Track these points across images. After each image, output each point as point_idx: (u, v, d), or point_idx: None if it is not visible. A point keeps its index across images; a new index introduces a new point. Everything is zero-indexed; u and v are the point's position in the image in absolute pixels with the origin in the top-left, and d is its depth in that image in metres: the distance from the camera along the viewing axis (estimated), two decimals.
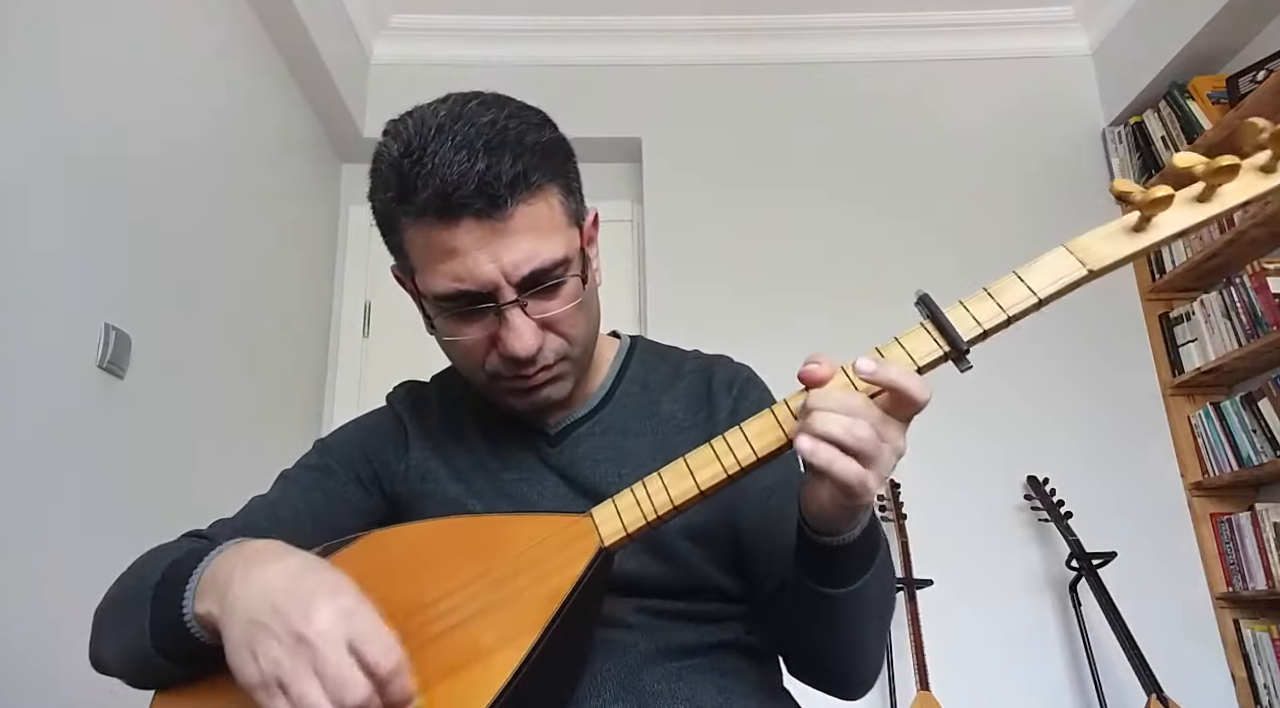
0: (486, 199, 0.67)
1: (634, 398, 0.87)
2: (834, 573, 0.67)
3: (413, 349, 1.72)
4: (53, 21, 1.48)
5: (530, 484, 0.82)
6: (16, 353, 1.36)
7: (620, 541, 0.63)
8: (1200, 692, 2.23)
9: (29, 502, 1.38)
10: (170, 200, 1.84)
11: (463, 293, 0.70)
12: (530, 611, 0.61)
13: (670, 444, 0.82)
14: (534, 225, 0.70)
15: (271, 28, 2.34)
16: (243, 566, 0.60)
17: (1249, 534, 2.32)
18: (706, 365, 0.90)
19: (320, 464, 0.86)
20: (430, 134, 0.68)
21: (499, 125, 0.69)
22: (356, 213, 2.91)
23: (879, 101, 2.91)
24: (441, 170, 0.67)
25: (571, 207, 0.75)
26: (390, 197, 0.71)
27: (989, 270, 2.72)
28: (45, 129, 1.45)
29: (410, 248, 0.73)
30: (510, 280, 0.70)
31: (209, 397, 1.98)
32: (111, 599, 0.74)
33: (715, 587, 0.79)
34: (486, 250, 0.68)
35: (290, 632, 0.54)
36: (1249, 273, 2.32)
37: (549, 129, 0.75)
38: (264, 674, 0.53)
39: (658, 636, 0.75)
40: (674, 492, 0.63)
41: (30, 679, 1.34)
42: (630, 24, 2.88)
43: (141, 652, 0.64)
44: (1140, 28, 2.72)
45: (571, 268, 0.74)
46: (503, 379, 0.76)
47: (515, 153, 0.69)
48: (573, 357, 0.78)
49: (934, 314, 0.64)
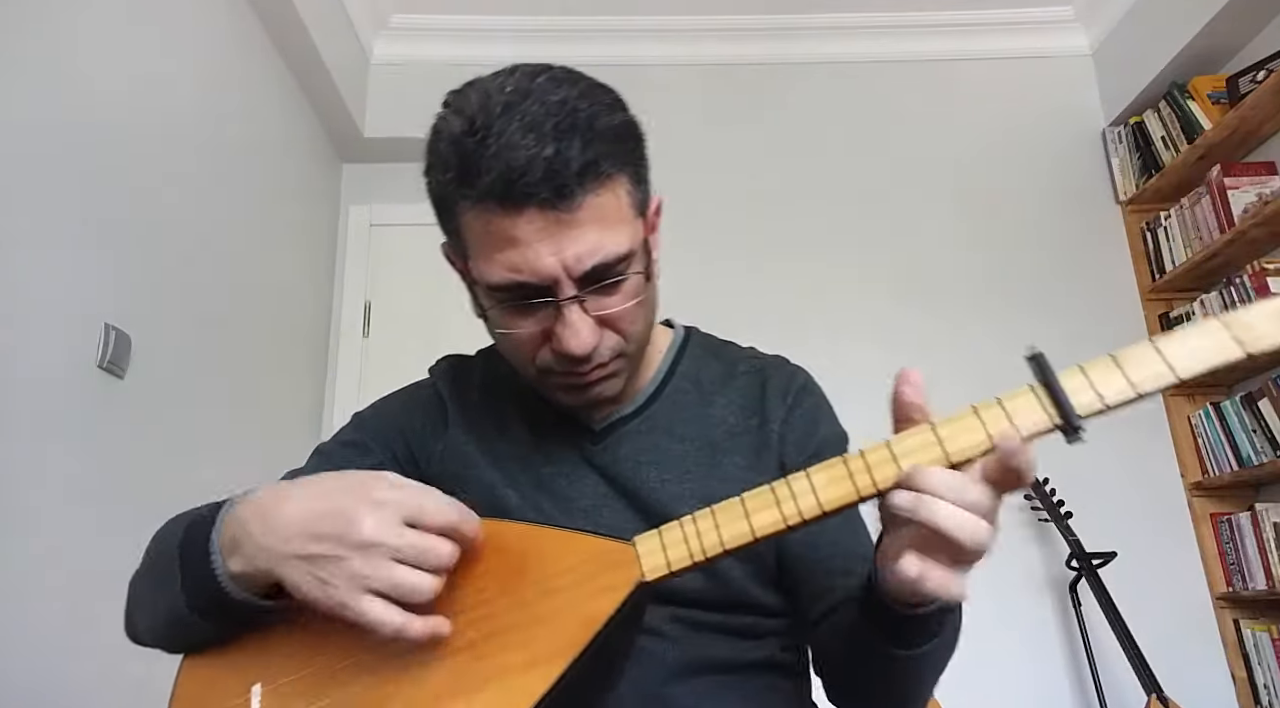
0: (553, 188, 0.62)
1: (684, 397, 0.83)
2: (903, 637, 0.62)
3: (413, 349, 1.72)
4: (52, 21, 1.48)
5: (570, 481, 0.79)
6: (16, 353, 1.36)
7: (662, 577, 0.60)
8: (1200, 692, 2.22)
9: (29, 502, 1.38)
10: (170, 200, 1.84)
11: (520, 285, 0.66)
12: (561, 636, 0.58)
13: (718, 450, 0.79)
14: (600, 217, 0.66)
15: (271, 28, 2.34)
16: (259, 516, 0.60)
17: (1249, 534, 2.32)
18: (762, 367, 0.86)
19: (356, 441, 0.83)
20: (496, 111, 0.63)
21: (569, 106, 0.64)
22: (356, 213, 2.91)
23: (879, 101, 2.91)
24: (507, 154, 0.62)
25: (639, 196, 0.71)
26: (449, 177, 0.66)
27: (988, 270, 2.73)
28: (45, 129, 1.45)
29: (467, 232, 0.68)
30: (571, 275, 0.66)
31: (209, 397, 1.98)
32: (140, 574, 0.73)
33: (755, 603, 0.76)
34: (549, 242, 0.64)
35: (350, 544, 0.55)
36: (1249, 273, 2.32)
37: (620, 111, 0.69)
38: (348, 589, 0.55)
39: (690, 647, 0.73)
40: (726, 534, 0.58)
41: (31, 679, 1.34)
42: (630, 24, 2.87)
43: (177, 616, 0.64)
44: (1140, 28, 2.72)
45: (635, 263, 0.70)
46: (554, 375, 0.73)
47: (586, 138, 0.64)
48: (628, 354, 0.74)
49: (1049, 381, 0.56)
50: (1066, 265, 2.72)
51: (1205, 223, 2.48)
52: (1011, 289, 2.69)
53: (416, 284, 2.81)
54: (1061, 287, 2.69)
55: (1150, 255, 2.72)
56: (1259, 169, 2.42)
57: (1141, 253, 2.73)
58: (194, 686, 0.65)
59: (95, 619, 1.49)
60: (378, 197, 2.91)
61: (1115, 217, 2.80)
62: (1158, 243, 2.68)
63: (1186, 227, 2.57)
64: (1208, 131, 2.44)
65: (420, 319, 2.75)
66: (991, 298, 2.67)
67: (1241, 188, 2.39)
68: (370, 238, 2.88)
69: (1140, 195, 2.72)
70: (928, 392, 0.58)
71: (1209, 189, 2.46)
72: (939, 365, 2.61)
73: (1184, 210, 2.59)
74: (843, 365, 1.67)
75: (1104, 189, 2.83)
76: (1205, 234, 2.48)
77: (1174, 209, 2.63)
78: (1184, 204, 2.59)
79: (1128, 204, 2.77)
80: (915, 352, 2.57)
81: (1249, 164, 2.46)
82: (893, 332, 2.62)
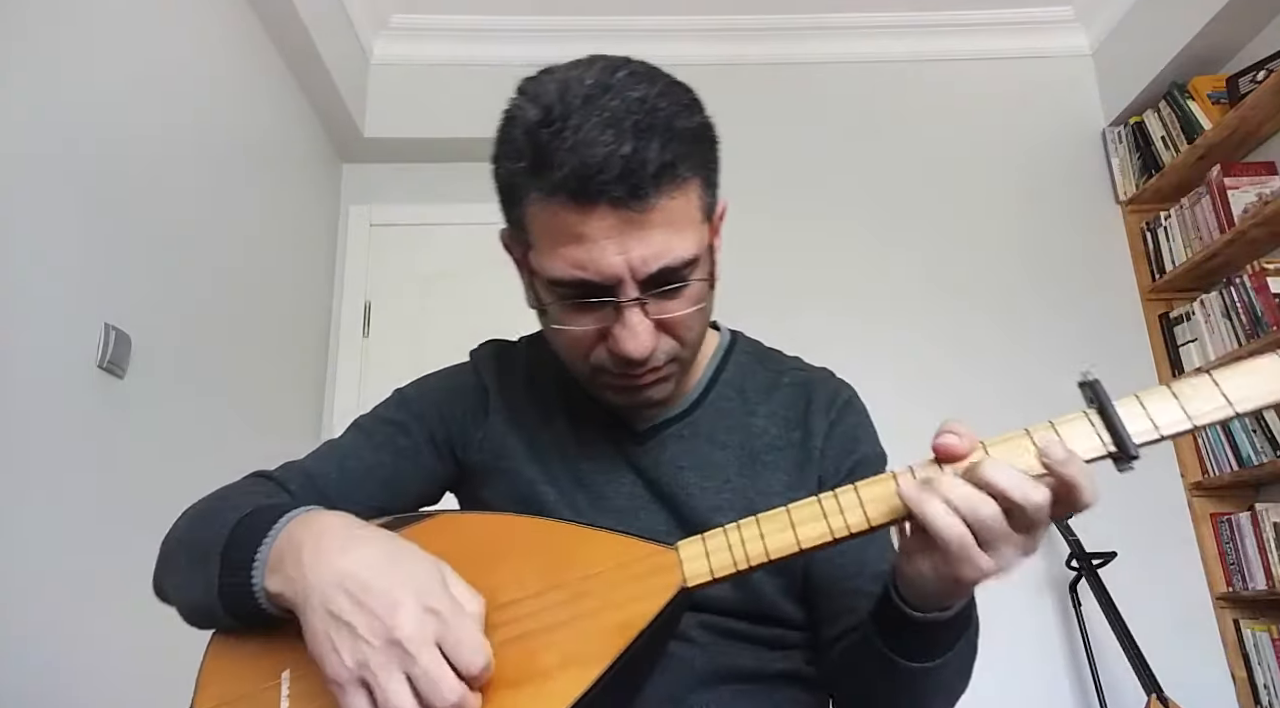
0: (628, 187, 0.61)
1: (727, 404, 0.82)
2: (914, 647, 0.62)
3: (413, 349, 1.72)
4: (52, 22, 1.48)
5: (608, 478, 0.79)
6: (16, 353, 1.36)
7: (704, 583, 0.59)
8: (1200, 692, 2.22)
9: (29, 502, 1.38)
10: (170, 200, 1.84)
11: (582, 282, 0.65)
12: (599, 639, 0.58)
13: (758, 462, 0.79)
14: (670, 220, 0.64)
15: (271, 28, 2.34)
16: (313, 544, 0.58)
17: (1249, 534, 2.32)
18: (806, 380, 0.85)
19: (397, 419, 0.82)
20: (575, 103, 0.62)
21: (649, 104, 0.63)
22: (356, 213, 2.91)
23: (879, 101, 2.91)
24: (584, 149, 0.60)
25: (708, 200, 0.70)
26: (521, 167, 0.65)
27: (988, 270, 2.72)
28: (45, 129, 1.45)
29: (532, 223, 0.67)
30: (636, 277, 0.64)
31: (209, 397, 1.98)
32: (180, 540, 0.72)
33: (783, 616, 0.76)
34: (617, 241, 0.63)
35: (377, 632, 0.53)
36: (1249, 273, 2.32)
37: (698, 113, 0.68)
38: (349, 672, 0.53)
39: (717, 655, 0.73)
40: (771, 544, 0.58)
41: (33, 678, 1.34)
42: (630, 24, 2.87)
43: (207, 605, 0.64)
44: (1140, 28, 2.72)
45: (699, 269, 0.69)
46: (607, 374, 0.72)
47: (665, 139, 0.62)
48: (682, 359, 0.73)
49: (1104, 408, 0.56)
50: (1066, 265, 2.72)
51: (1205, 223, 2.48)
52: (1011, 289, 2.69)
53: (416, 284, 2.82)
54: (1061, 287, 2.69)
55: (1150, 255, 2.72)
56: (1259, 169, 2.42)
57: (1141, 253, 2.73)
58: (222, 665, 0.65)
59: (95, 619, 1.49)
60: (378, 197, 2.91)
61: (1115, 217, 2.80)
62: (1158, 243, 2.68)
63: (1186, 227, 2.57)
64: (1208, 131, 2.44)
65: (420, 319, 2.75)
66: (991, 298, 2.67)
67: (1241, 188, 2.39)
68: (370, 238, 2.88)
69: (1140, 195, 2.72)
70: (927, 391, 0.58)
71: (1209, 189, 2.46)
72: (938, 366, 2.62)
73: (1184, 210, 2.59)
74: (839, 365, 1.67)
75: (1104, 189, 2.83)
76: (1205, 234, 2.48)
77: (1174, 209, 2.63)
78: (1184, 204, 2.59)
79: (1128, 204, 2.77)
80: (912, 350, 2.57)
81: (1249, 164, 2.46)
82: (891, 331, 2.62)
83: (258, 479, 0.78)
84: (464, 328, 1.65)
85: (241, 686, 0.62)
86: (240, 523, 0.64)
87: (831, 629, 0.75)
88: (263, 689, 0.61)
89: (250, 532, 0.63)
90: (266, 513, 0.64)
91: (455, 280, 2.77)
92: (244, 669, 0.63)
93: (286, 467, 0.80)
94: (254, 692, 0.61)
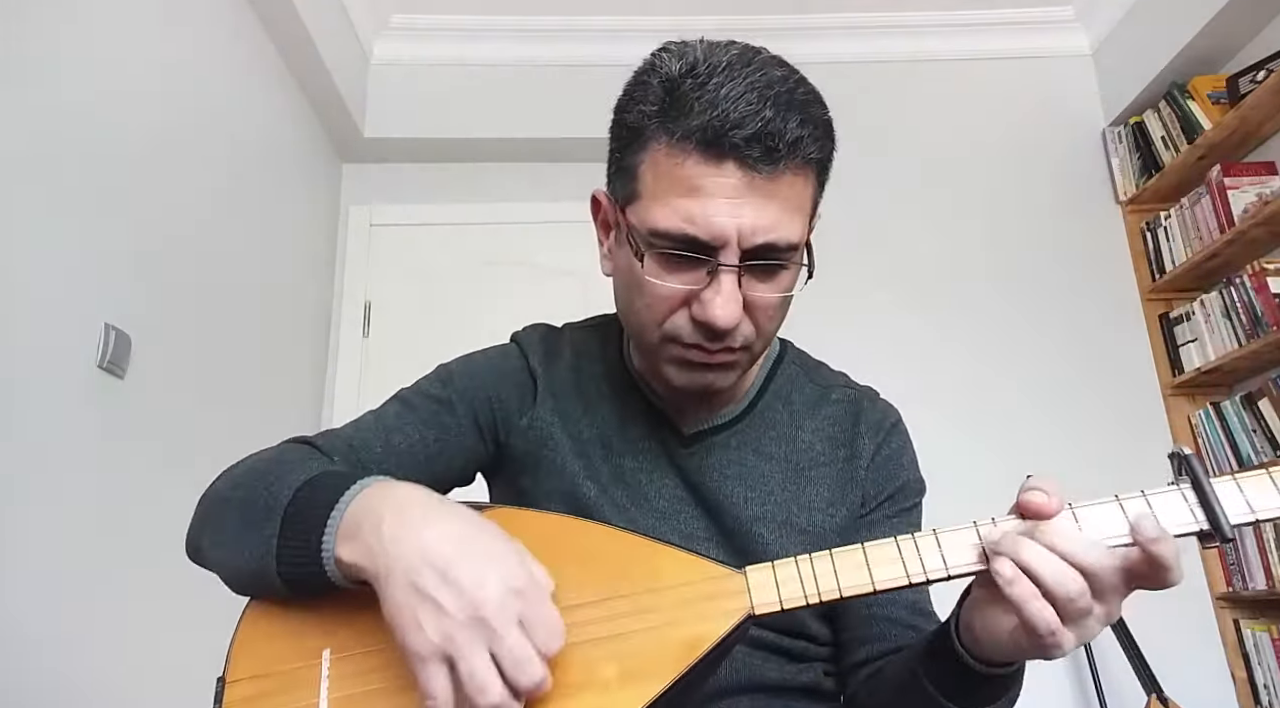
0: (764, 149, 0.61)
1: (775, 416, 0.82)
2: (967, 696, 0.61)
3: (413, 349, 1.72)
4: (51, 22, 1.48)
5: (650, 479, 0.78)
6: (16, 353, 1.36)
7: (772, 613, 0.58)
8: (1200, 692, 2.22)
9: (29, 502, 1.38)
10: (170, 200, 1.84)
11: (688, 237, 0.64)
12: (661, 656, 0.56)
13: (803, 477, 0.78)
14: (788, 197, 0.65)
15: (271, 28, 2.34)
16: (394, 515, 0.56)
17: (1249, 534, 2.32)
18: (855, 398, 0.84)
19: (443, 396, 0.81)
20: (720, 64, 0.63)
21: (790, 83, 0.64)
22: (356, 213, 2.91)
23: (878, 101, 2.90)
24: (725, 103, 0.61)
25: (817, 196, 0.71)
26: (652, 109, 0.65)
27: (988, 270, 2.72)
28: (45, 129, 1.45)
29: (647, 170, 0.66)
30: (741, 244, 0.63)
31: (209, 397, 1.98)
32: (227, 501, 0.68)
33: (810, 632, 0.77)
34: (734, 203, 0.62)
35: (464, 608, 0.51)
36: (1249, 273, 2.32)
37: (828, 110, 0.69)
38: (433, 646, 0.51)
39: (745, 665, 0.73)
40: (844, 581, 0.57)
41: (33, 679, 1.34)
42: (631, 24, 2.87)
43: (259, 570, 0.61)
44: (1140, 28, 2.72)
45: (798, 256, 0.69)
46: (678, 344, 0.70)
47: (803, 117, 0.63)
48: (755, 350, 0.72)
49: (1199, 486, 0.54)
50: (1066, 265, 2.72)
51: (1205, 223, 2.48)
52: (1011, 289, 2.69)
53: (416, 284, 2.82)
54: (1061, 287, 2.69)
55: (1150, 255, 2.72)
56: (1259, 169, 2.42)
57: (1141, 253, 2.73)
58: (258, 636, 0.63)
59: (96, 619, 1.49)
60: (378, 197, 2.91)
61: (1115, 217, 2.80)
62: (1158, 243, 2.68)
63: (1186, 227, 2.57)
64: (1208, 131, 2.43)
65: (420, 319, 2.75)
66: (991, 298, 2.67)
67: (1241, 188, 2.39)
68: (370, 238, 2.87)
69: (1140, 195, 2.72)
70: (926, 391, 0.58)
71: (1209, 189, 2.46)
72: (937, 365, 2.62)
73: (1184, 210, 2.59)
74: (840, 365, 1.67)
75: (1104, 189, 2.83)
76: (1205, 234, 2.48)
77: (1174, 209, 2.63)
78: (1184, 204, 2.59)
79: (1128, 204, 2.77)
80: (913, 351, 2.57)
81: (1249, 164, 2.46)
82: (891, 331, 2.62)
83: (299, 446, 0.76)
84: (464, 328, 1.65)
85: (278, 662, 0.60)
86: (307, 485, 0.62)
87: (859, 654, 0.75)
88: (301, 668, 0.60)
89: (319, 495, 0.60)
90: (335, 478, 0.62)
91: (455, 280, 2.78)
92: (281, 645, 0.61)
93: (328, 435, 0.78)
94: (291, 669, 0.60)
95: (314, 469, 0.65)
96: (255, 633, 0.63)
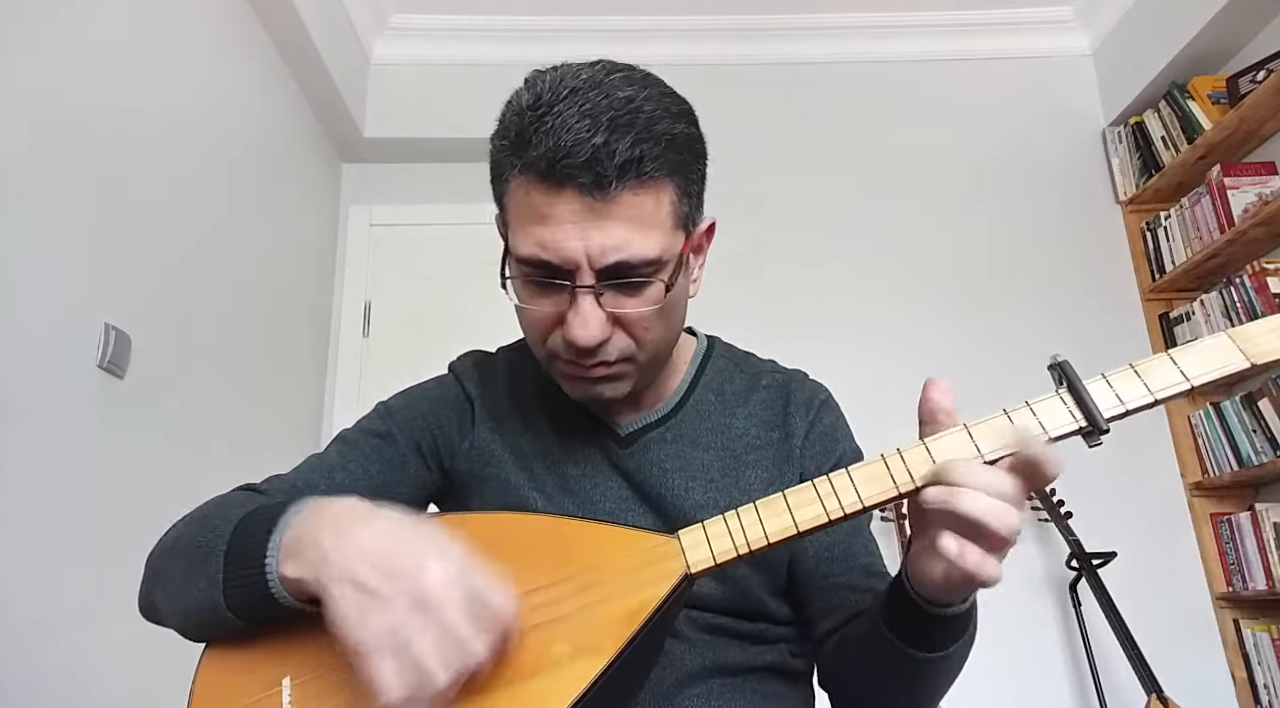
0: (593, 175, 0.64)
1: (708, 407, 0.84)
2: (928, 639, 0.64)
3: (413, 349, 1.72)
4: (52, 21, 1.48)
5: (594, 483, 0.80)
6: (16, 353, 1.36)
7: (707, 569, 0.61)
8: (1200, 692, 2.22)
9: (29, 502, 1.38)
10: (170, 200, 1.84)
11: (543, 262, 0.67)
12: (606, 627, 0.59)
13: (740, 462, 0.81)
14: (634, 216, 0.66)
15: (271, 28, 2.34)
16: (331, 527, 0.58)
17: (1249, 534, 2.32)
18: (784, 382, 0.87)
19: (383, 431, 0.83)
20: (563, 93, 0.66)
21: (633, 104, 0.66)
22: (356, 213, 2.91)
23: (878, 101, 2.91)
24: (559, 133, 0.64)
25: (683, 209, 0.71)
26: (505, 145, 0.69)
27: (988, 270, 2.73)
28: (45, 129, 1.45)
29: (509, 201, 0.70)
30: (592, 265, 0.67)
31: (209, 397, 1.98)
32: (171, 551, 0.70)
33: (767, 613, 0.78)
34: (578, 227, 0.66)
35: (406, 595, 0.52)
36: (1249, 273, 2.32)
37: (685, 123, 0.71)
38: (379, 638, 0.52)
39: (705, 651, 0.75)
40: (770, 527, 0.60)
41: (33, 678, 1.34)
42: (631, 24, 2.87)
43: (209, 606, 0.62)
44: (1140, 28, 2.72)
45: (662, 271, 0.70)
46: (560, 361, 0.74)
47: (639, 137, 0.65)
48: (638, 360, 0.74)
49: (1074, 387, 0.60)
50: (1067, 265, 2.72)
51: (1205, 223, 2.49)
52: (1011, 289, 2.69)
53: (416, 284, 2.82)
54: (1062, 286, 2.69)
55: (1150, 255, 2.72)
56: (1259, 169, 2.42)
57: (1141, 253, 2.73)
58: (217, 676, 0.64)
59: (95, 618, 1.49)
60: (378, 197, 2.91)
61: (1115, 217, 2.80)
62: (1158, 243, 2.68)
63: (1186, 227, 2.57)
64: (1208, 131, 2.44)
65: (420, 319, 2.75)
66: (991, 298, 2.67)
67: (1241, 188, 2.40)
68: (370, 238, 2.88)
69: (1140, 195, 2.72)
70: None
71: (1209, 189, 2.46)
72: (937, 364, 2.61)
73: (1184, 210, 2.59)
74: (841, 364, 1.67)
75: (1104, 189, 2.83)
76: (1205, 234, 2.48)
77: (1174, 209, 2.63)
78: (1184, 204, 2.59)
79: (1128, 204, 2.77)
80: (914, 350, 2.57)
81: (1249, 164, 2.46)
82: (892, 331, 2.62)
83: (243, 492, 0.77)
84: (464, 328, 1.65)
85: (239, 696, 0.61)
86: (245, 519, 0.64)
87: (824, 624, 0.77)
88: (262, 698, 0.60)
89: (259, 523, 0.62)
90: (272, 508, 0.63)
91: (455, 280, 2.77)
92: (241, 679, 0.62)
93: (273, 480, 0.80)
94: (253, 702, 0.60)
95: (253, 505, 0.67)
96: (212, 675, 0.64)
